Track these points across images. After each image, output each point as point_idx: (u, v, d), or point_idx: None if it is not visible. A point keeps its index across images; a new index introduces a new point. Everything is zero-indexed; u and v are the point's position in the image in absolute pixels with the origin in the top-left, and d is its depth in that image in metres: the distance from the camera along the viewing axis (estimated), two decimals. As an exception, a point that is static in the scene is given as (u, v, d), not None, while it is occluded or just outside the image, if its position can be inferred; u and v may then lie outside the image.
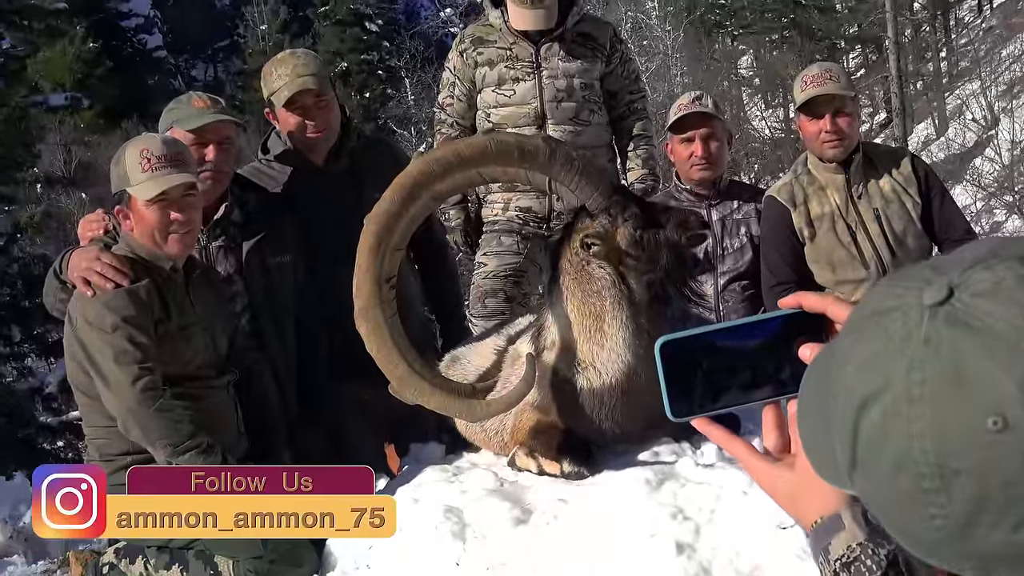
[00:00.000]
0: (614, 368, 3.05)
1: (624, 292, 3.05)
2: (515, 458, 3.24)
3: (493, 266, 4.82)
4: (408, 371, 2.86)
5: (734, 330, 1.21)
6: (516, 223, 4.83)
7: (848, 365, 0.88)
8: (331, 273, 4.00)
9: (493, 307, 4.74)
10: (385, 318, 2.88)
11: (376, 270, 2.89)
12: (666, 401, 1.21)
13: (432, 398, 2.88)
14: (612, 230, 3.06)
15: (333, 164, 4.24)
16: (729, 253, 4.51)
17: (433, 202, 3.20)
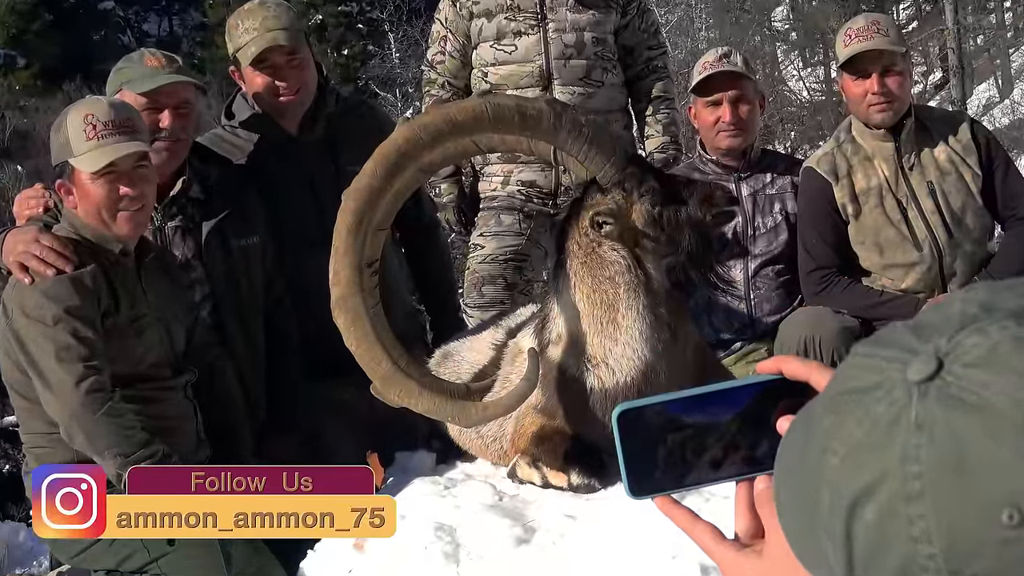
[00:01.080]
0: (629, 365, 3.07)
1: (640, 278, 3.06)
2: (516, 468, 3.26)
3: (491, 249, 4.83)
4: (393, 369, 2.88)
5: (703, 398, 1.20)
6: (517, 199, 4.84)
7: (831, 455, 0.85)
8: (305, 257, 4.00)
9: (491, 296, 4.75)
10: (366, 308, 2.89)
11: (356, 253, 2.90)
12: (624, 479, 1.20)
13: (420, 400, 2.89)
14: (627, 207, 3.07)
15: (308, 132, 4.25)
16: (761, 233, 4.51)
17: (421, 175, 3.21)
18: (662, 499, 1.22)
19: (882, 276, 4.26)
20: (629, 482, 1.20)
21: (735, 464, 1.19)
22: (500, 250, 4.79)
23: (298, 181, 4.14)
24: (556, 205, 4.84)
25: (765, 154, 4.72)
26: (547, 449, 3.18)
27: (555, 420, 3.22)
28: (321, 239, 3.84)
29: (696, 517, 1.23)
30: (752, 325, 4.49)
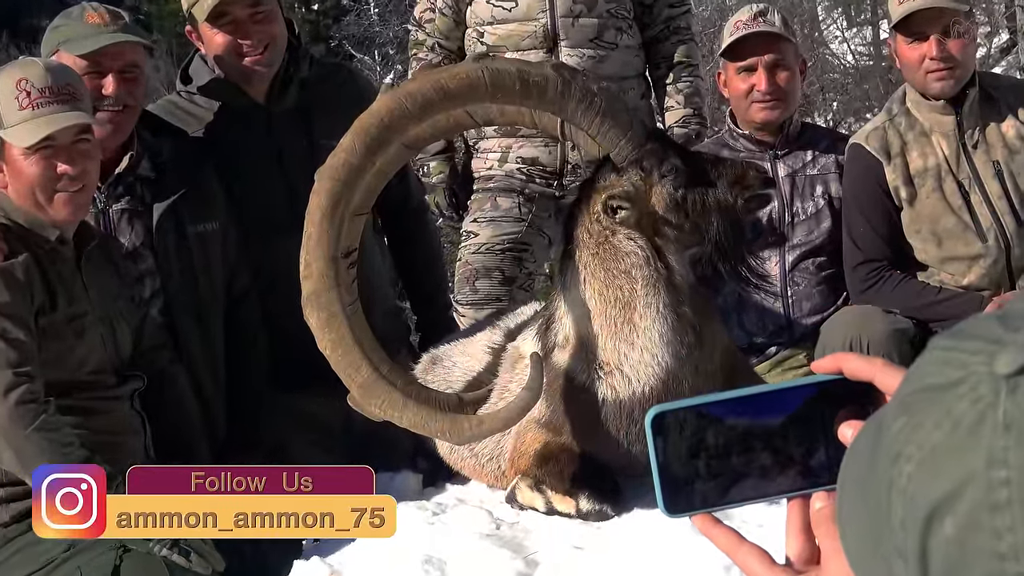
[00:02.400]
0: (647, 373, 3.08)
1: (661, 271, 3.07)
2: (516, 492, 3.27)
3: (486, 237, 4.84)
4: (374, 376, 2.89)
5: (751, 400, 1.19)
6: (517, 179, 4.84)
7: (904, 462, 0.85)
8: (273, 246, 4.01)
9: (486, 291, 4.77)
10: (343, 306, 2.90)
11: (330, 242, 2.91)
12: (658, 493, 1.19)
13: (406, 412, 2.91)
14: (645, 189, 3.08)
15: (277, 99, 4.25)
16: (801, 220, 4.52)
17: (407, 151, 3.22)
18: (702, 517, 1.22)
19: (940, 270, 4.27)
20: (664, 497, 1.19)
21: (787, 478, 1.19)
22: (497, 238, 4.80)
23: (265, 157, 4.15)
24: (562, 186, 4.85)
25: (805, 128, 4.73)
26: (552, 470, 3.19)
27: (561, 436, 3.23)
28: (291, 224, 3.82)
29: (741, 539, 1.22)
30: (789, 327, 4.50)
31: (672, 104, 4.94)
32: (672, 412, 1.18)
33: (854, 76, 24.23)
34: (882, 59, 23.16)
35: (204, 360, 3.97)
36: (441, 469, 3.79)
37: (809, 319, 4.48)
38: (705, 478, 1.19)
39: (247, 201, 4.10)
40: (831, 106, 23.25)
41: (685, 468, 1.19)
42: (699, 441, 1.18)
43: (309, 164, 4.03)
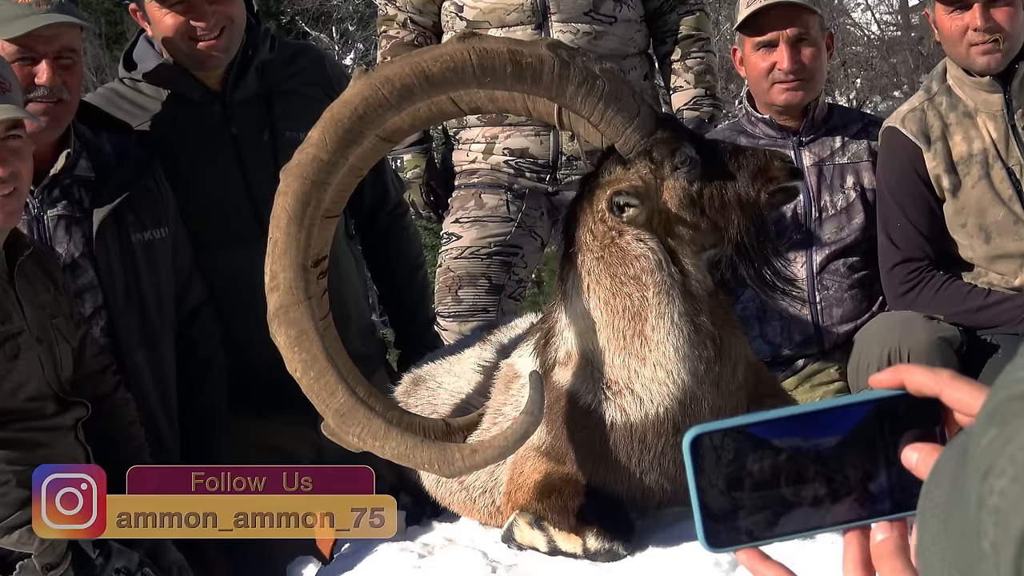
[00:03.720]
0: (662, 392, 3.08)
1: (675, 277, 3.08)
2: (514, 530, 3.27)
3: (470, 239, 4.85)
4: (351, 402, 2.88)
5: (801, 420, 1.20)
6: (505, 173, 4.86)
7: (995, 477, 0.84)
8: (230, 255, 4.03)
9: (471, 301, 4.79)
10: (314, 322, 2.90)
11: (299, 249, 2.91)
12: (699, 525, 1.20)
13: (387, 442, 2.89)
14: (656, 183, 3.09)
15: (234, 87, 4.27)
16: (829, 216, 4.54)
17: (383, 144, 3.23)
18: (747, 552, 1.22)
19: (989, 270, 4.29)
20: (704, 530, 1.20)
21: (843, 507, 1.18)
22: (482, 241, 4.82)
23: (221, 152, 4.16)
24: (556, 181, 4.87)
25: (833, 111, 4.74)
26: (554, 504, 3.18)
27: (564, 466, 3.23)
28: (252, 229, 3.87)
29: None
30: (818, 337, 4.52)
31: (680, 84, 4.96)
32: (712, 434, 1.20)
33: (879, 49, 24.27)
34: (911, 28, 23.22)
35: (154, 385, 3.98)
36: (426, 505, 3.80)
37: (840, 327, 4.50)
38: (750, 508, 1.20)
39: (200, 204, 4.11)
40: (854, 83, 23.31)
41: (727, 497, 1.20)
42: (743, 467, 1.19)
43: (271, 160, 4.06)
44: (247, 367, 4.23)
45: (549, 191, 5.12)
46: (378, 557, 3.41)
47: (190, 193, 4.10)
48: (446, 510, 3.74)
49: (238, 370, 4.25)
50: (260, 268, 3.71)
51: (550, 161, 4.86)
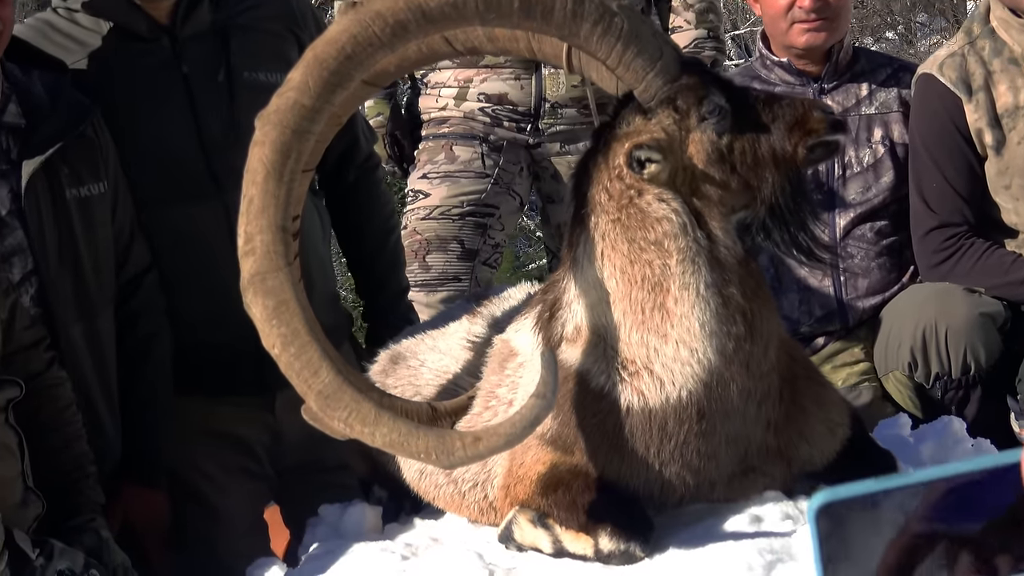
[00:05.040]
0: (685, 373, 3.07)
1: (702, 242, 3.06)
2: (513, 528, 3.25)
3: (440, 198, 4.85)
4: (336, 381, 2.84)
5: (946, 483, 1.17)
6: (479, 122, 4.86)
7: None
8: (179, 213, 3.99)
9: (440, 268, 4.79)
10: (295, 291, 2.87)
11: (279, 207, 2.89)
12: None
13: (378, 428, 2.85)
14: (681, 136, 3.07)
15: (184, 20, 4.22)
16: (855, 173, 4.54)
17: (366, 90, 3.24)
18: None
19: (1035, 238, 4.32)
20: None
21: None
22: (454, 200, 4.82)
23: (170, 95, 4.13)
24: (538, 131, 4.87)
25: (859, 55, 4.75)
26: (561, 499, 3.17)
27: (573, 456, 3.21)
28: (205, 184, 3.83)
29: None
30: (841, 312, 4.53)
31: (680, 24, 4.97)
32: (844, 503, 1.18)
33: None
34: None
35: (92, 363, 3.96)
36: (404, 499, 3.79)
37: (866, 301, 4.51)
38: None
39: (144, 154, 4.08)
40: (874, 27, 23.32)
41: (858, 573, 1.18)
42: (877, 537, 1.18)
43: (227, 104, 4.03)
44: (194, 342, 4.21)
45: (530, 143, 5.12)
46: (355, 558, 3.40)
47: (132, 141, 4.07)
48: (428, 505, 3.73)
49: (183, 346, 4.22)
50: (212, 229, 3.70)
51: (531, 108, 4.86)
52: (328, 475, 4.44)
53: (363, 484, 4.02)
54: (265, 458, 4.45)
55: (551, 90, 4.96)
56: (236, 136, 4.04)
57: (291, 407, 4.12)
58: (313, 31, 4.33)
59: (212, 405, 4.26)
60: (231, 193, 3.92)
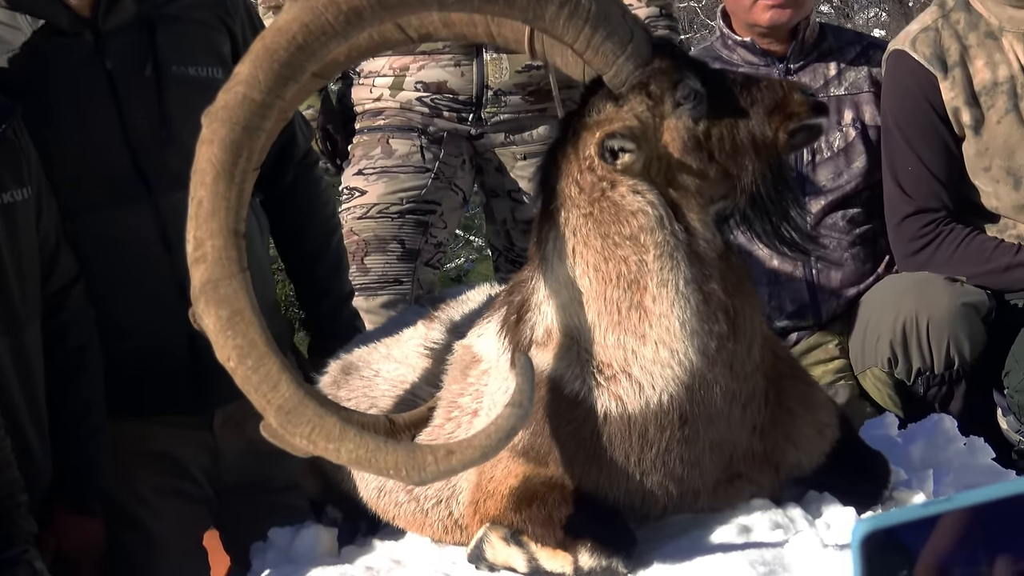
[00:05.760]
0: (665, 376, 3.08)
1: (679, 235, 3.07)
2: (484, 547, 3.26)
3: (377, 195, 4.85)
4: (298, 396, 2.81)
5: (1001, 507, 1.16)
6: (418, 113, 4.86)
7: None
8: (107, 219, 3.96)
9: (380, 271, 4.79)
10: (250, 299, 2.85)
11: (230, 210, 2.85)
12: None
13: (343, 444, 2.82)
14: (655, 123, 3.07)
15: (108, 12, 4.18)
16: (825, 159, 4.57)
17: (315, 82, 3.22)
18: None
19: (1017, 222, 4.34)
20: None
21: None
22: (392, 197, 4.82)
23: (94, 92, 4.11)
24: (480, 121, 4.88)
25: (826, 33, 4.78)
26: (536, 515, 3.17)
27: (547, 468, 3.22)
28: (134, 187, 3.80)
29: None
30: (815, 306, 4.55)
31: (631, 2, 4.98)
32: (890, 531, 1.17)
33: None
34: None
35: (18, 381, 3.92)
36: (360, 520, 3.79)
37: (841, 294, 4.55)
38: None
39: (69, 156, 4.05)
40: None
41: None
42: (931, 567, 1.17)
43: (155, 100, 4.01)
44: (125, 357, 4.18)
45: (472, 133, 5.12)
46: (312, 586, 3.38)
47: (55, 143, 4.04)
48: (387, 525, 3.73)
49: (114, 361, 4.20)
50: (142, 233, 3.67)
51: (473, 97, 4.86)
52: (274, 496, 4.43)
53: (314, 505, 4.01)
54: (203, 479, 4.43)
55: (494, 76, 4.96)
56: (167, 134, 4.03)
57: (231, 424, 4.16)
58: (245, 21, 4.32)
59: (146, 424, 4.24)
60: (162, 195, 3.92)
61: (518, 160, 5.35)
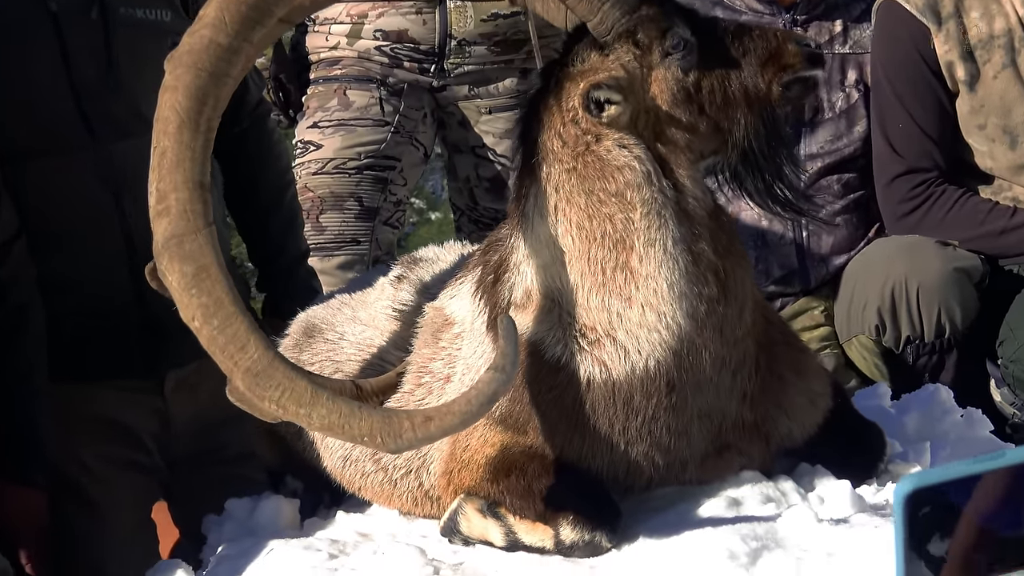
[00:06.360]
0: (652, 340, 3.09)
1: (668, 192, 3.08)
2: (459, 519, 3.27)
3: (334, 149, 4.85)
4: (267, 357, 2.80)
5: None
6: (377, 62, 4.86)
7: None
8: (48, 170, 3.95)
9: (336, 230, 4.80)
10: (216, 255, 2.84)
11: (195, 161, 2.85)
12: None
13: (315, 408, 2.80)
14: (643, 73, 3.09)
15: None
16: (826, 120, 4.57)
17: (279, 28, 3.19)
18: None
19: (1013, 183, 4.36)
20: None
21: None
22: (350, 151, 4.82)
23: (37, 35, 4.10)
24: (443, 72, 4.88)
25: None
26: (514, 485, 3.18)
27: (526, 436, 3.23)
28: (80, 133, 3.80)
29: None
30: (803, 271, 4.56)
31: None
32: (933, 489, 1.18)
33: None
34: None
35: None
36: (322, 491, 3.80)
37: (830, 260, 4.54)
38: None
39: (9, 103, 4.05)
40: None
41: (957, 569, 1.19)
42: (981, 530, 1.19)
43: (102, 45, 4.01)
44: (69, 316, 4.17)
45: (434, 85, 5.12)
46: (274, 558, 3.38)
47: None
48: (351, 497, 3.75)
49: (57, 321, 4.19)
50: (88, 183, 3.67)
51: (435, 46, 4.87)
52: (227, 466, 4.44)
53: (272, 475, 4.01)
54: (153, 448, 4.42)
55: (457, 25, 4.96)
56: (114, 81, 4.02)
57: (183, 389, 4.16)
58: None
59: (92, 388, 4.24)
60: (109, 143, 3.90)
61: (483, 114, 5.35)
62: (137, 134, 3.65)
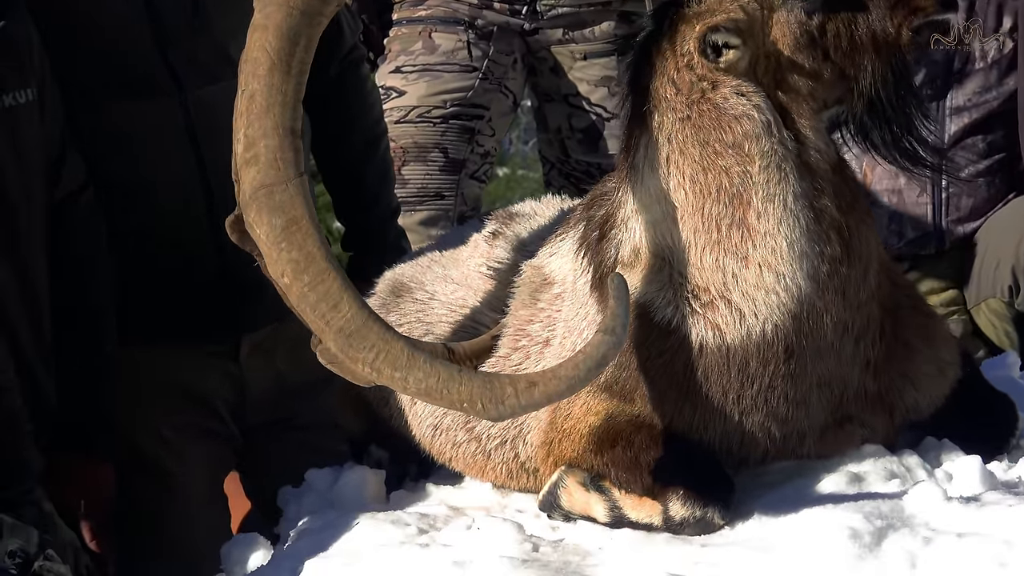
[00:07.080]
0: (770, 302, 3.10)
1: (789, 144, 3.08)
2: (559, 492, 3.29)
3: (418, 96, 4.86)
4: (362, 316, 2.81)
5: None
6: (465, 3, 4.86)
7: None
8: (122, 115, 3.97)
9: (420, 183, 4.81)
10: (308, 207, 2.85)
11: (287, 106, 2.88)
12: None
13: (412, 372, 2.80)
14: (764, 16, 3.08)
15: None
16: (975, 70, 4.51)
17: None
18: None
19: None
20: None
21: None
22: (435, 99, 4.84)
23: None
24: (536, 14, 4.88)
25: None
26: (620, 457, 3.19)
27: (633, 404, 3.24)
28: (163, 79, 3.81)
29: None
30: (938, 234, 4.49)
31: None
32: None
33: None
34: None
35: (19, 300, 3.93)
36: (409, 463, 3.83)
37: (967, 224, 4.48)
38: None
39: (82, 47, 4.07)
40: None
41: None
42: None
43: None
44: (142, 273, 4.18)
45: (525, 28, 5.12)
46: (360, 532, 3.37)
47: (66, 32, 4.05)
48: (440, 469, 3.77)
49: (127, 279, 4.23)
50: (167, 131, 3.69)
51: (530, -9, 4.84)
52: (305, 434, 4.48)
53: (354, 445, 4.02)
54: (228, 416, 4.45)
55: (555, -29, 4.96)
56: (200, 22, 4.03)
57: (259, 354, 4.18)
58: None
59: (164, 353, 4.28)
60: (192, 90, 3.92)
61: (577, 60, 5.34)
62: (225, 78, 3.65)
